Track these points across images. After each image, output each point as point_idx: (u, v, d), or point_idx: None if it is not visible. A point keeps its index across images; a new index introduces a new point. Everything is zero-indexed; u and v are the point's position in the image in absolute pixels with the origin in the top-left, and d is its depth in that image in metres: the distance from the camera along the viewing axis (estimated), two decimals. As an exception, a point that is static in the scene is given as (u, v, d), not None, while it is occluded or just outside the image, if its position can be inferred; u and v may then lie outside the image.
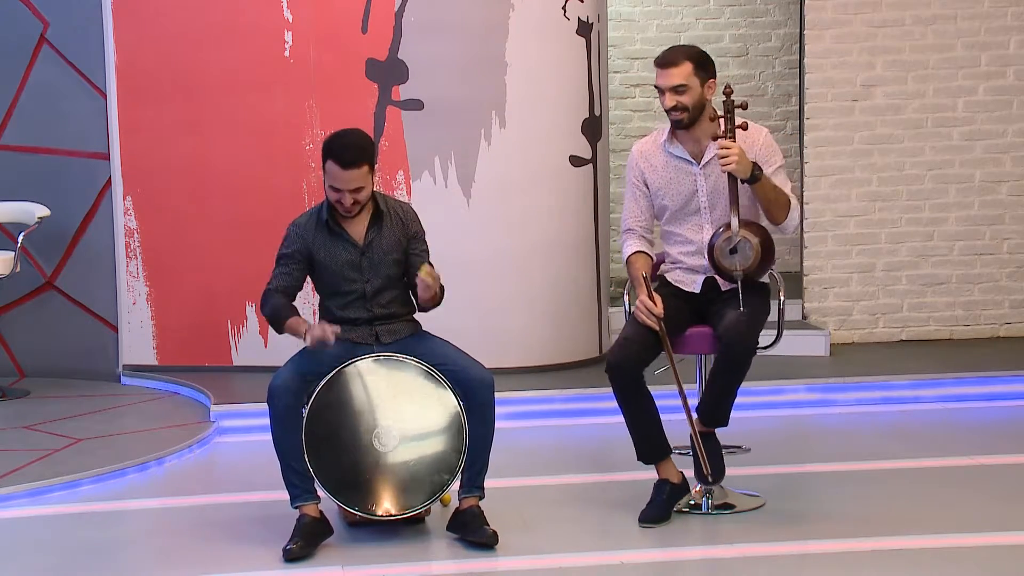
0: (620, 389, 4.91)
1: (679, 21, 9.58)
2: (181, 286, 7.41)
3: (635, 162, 5.12)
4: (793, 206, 4.93)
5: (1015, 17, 7.77)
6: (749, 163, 4.81)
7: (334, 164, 4.73)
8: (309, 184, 7.14)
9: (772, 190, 4.88)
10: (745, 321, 4.82)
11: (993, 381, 6.90)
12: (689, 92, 4.90)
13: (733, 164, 4.78)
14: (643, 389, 4.92)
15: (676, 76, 4.90)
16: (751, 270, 4.87)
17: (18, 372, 7.68)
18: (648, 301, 4.88)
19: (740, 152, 4.79)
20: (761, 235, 4.89)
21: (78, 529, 5.12)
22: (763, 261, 4.88)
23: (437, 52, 7.02)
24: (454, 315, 5.55)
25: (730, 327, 4.80)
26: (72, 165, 7.50)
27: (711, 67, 4.96)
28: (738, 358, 4.82)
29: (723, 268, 4.90)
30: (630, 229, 5.12)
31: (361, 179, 4.74)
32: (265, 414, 4.75)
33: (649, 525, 4.90)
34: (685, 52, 4.96)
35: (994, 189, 7.86)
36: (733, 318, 4.82)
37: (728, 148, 4.79)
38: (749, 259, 4.86)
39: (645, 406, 4.94)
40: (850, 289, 7.87)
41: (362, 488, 4.71)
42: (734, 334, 4.79)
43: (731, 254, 4.87)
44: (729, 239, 4.88)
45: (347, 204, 4.77)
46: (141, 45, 7.34)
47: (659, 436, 4.98)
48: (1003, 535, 4.76)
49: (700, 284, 5.05)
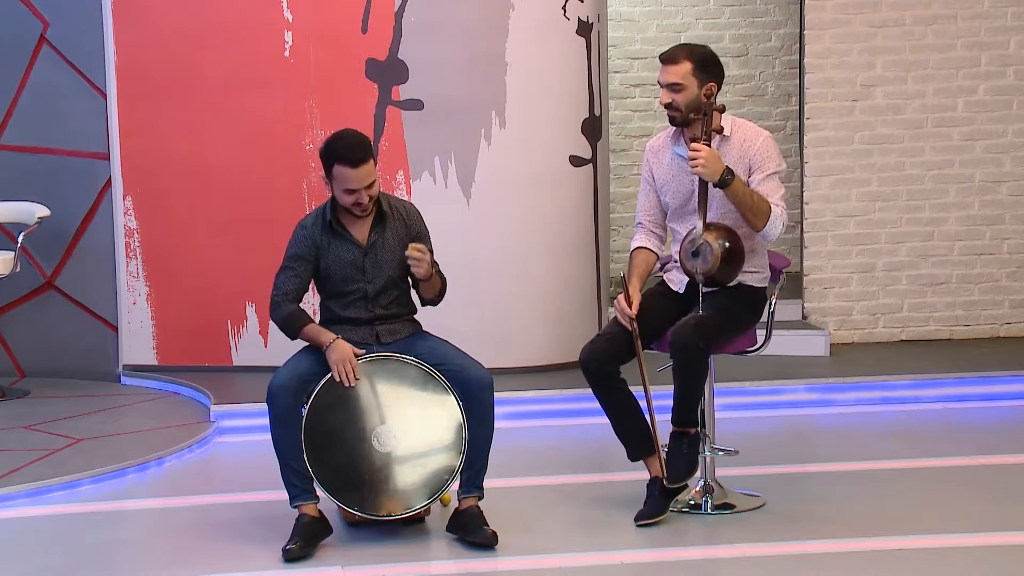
0: (592, 384, 4.95)
1: (679, 21, 9.58)
2: (181, 286, 7.41)
3: (647, 157, 5.16)
4: (775, 214, 4.86)
5: (1015, 17, 7.77)
6: (719, 167, 4.79)
7: (344, 167, 4.73)
8: (309, 184, 7.14)
9: (747, 196, 4.83)
10: (694, 324, 4.82)
11: (993, 381, 6.90)
12: (684, 92, 4.90)
13: (700, 167, 4.79)
14: (617, 385, 4.93)
15: (673, 74, 4.92)
16: (711, 273, 4.86)
17: (18, 372, 7.68)
18: (621, 300, 4.91)
19: (709, 155, 4.78)
20: (729, 239, 4.86)
21: (78, 529, 5.12)
22: (725, 265, 4.85)
23: (437, 52, 7.02)
24: (454, 315, 5.55)
25: (677, 329, 4.82)
26: (72, 165, 7.50)
27: (715, 70, 4.93)
28: (684, 360, 4.81)
29: (686, 270, 4.93)
30: (639, 223, 5.15)
31: (371, 174, 4.76)
32: (265, 414, 4.75)
33: (645, 522, 4.90)
34: (688, 52, 4.96)
35: (994, 189, 7.86)
36: (684, 320, 4.85)
37: (697, 151, 4.79)
38: (709, 263, 4.85)
39: (622, 403, 4.95)
40: (850, 289, 7.87)
41: (362, 488, 4.71)
42: (679, 336, 4.80)
43: (693, 257, 4.88)
44: (693, 241, 4.88)
45: (365, 202, 4.78)
46: (141, 45, 7.34)
47: (642, 432, 4.98)
48: (1003, 535, 4.77)
49: (684, 285, 5.06)
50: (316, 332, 4.82)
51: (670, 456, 4.91)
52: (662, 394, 5.02)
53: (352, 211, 4.82)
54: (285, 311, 4.85)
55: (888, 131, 7.80)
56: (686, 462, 4.91)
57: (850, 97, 7.78)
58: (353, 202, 4.78)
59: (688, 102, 4.91)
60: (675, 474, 4.91)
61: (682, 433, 4.92)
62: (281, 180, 7.19)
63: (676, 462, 4.91)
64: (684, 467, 4.91)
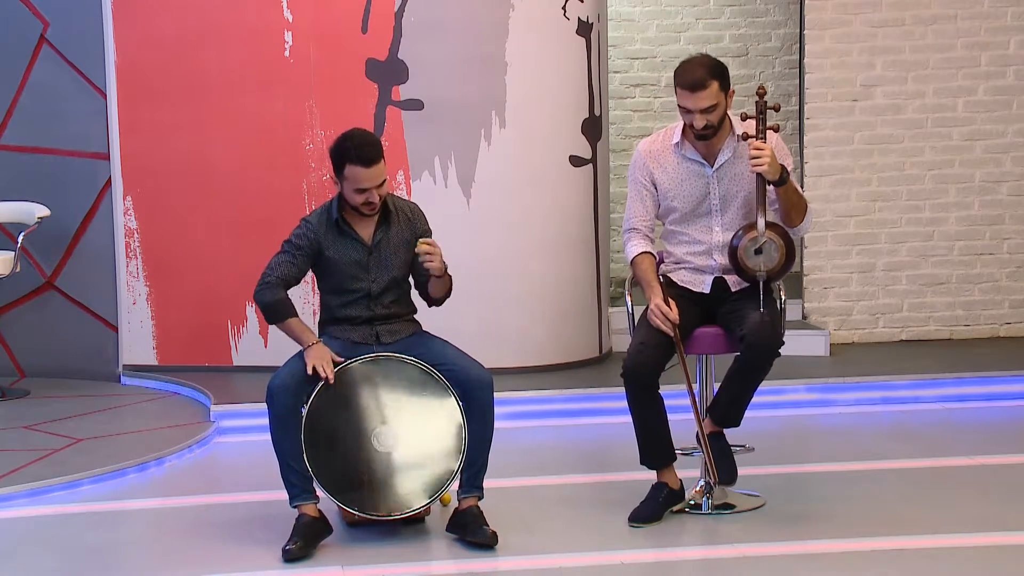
0: (635, 394, 4.88)
1: (679, 21, 9.57)
2: (181, 286, 7.41)
3: (643, 162, 5.05)
4: (811, 209, 4.96)
5: (1015, 17, 7.77)
6: (778, 166, 4.81)
7: (356, 166, 4.73)
8: (309, 184, 7.14)
9: (795, 193, 4.90)
10: (770, 323, 4.81)
11: (993, 381, 6.89)
12: (717, 110, 4.85)
13: (765, 165, 4.78)
14: (657, 395, 4.90)
15: (706, 98, 4.81)
16: (775, 271, 4.88)
17: (18, 372, 7.68)
18: (664, 306, 4.85)
19: (772, 154, 4.79)
20: (785, 237, 4.90)
21: (78, 529, 5.12)
22: (786, 262, 4.90)
23: (437, 52, 7.02)
24: (454, 315, 5.55)
25: (756, 329, 4.77)
26: (72, 165, 7.50)
27: (728, 76, 4.90)
28: (763, 359, 4.80)
29: (747, 268, 4.88)
30: (634, 228, 5.06)
31: (383, 173, 4.78)
32: (265, 414, 4.75)
33: (639, 524, 4.90)
34: (709, 70, 4.82)
35: (994, 189, 7.85)
36: (757, 319, 4.80)
37: (761, 149, 4.79)
38: (774, 260, 4.86)
39: (657, 411, 4.92)
40: (850, 289, 7.87)
41: (361, 488, 4.71)
42: (761, 336, 4.76)
43: (756, 255, 4.86)
44: (755, 239, 4.86)
45: (375, 201, 4.79)
46: (141, 45, 7.34)
47: (666, 442, 4.97)
48: (1003, 535, 4.76)
49: (709, 284, 5.03)
50: (300, 330, 4.81)
51: (718, 456, 4.89)
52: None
53: (361, 210, 4.82)
54: (273, 295, 4.83)
55: (888, 131, 7.80)
56: (732, 460, 4.92)
57: (850, 97, 7.77)
58: (364, 201, 4.78)
59: (720, 117, 4.88)
60: (727, 473, 4.91)
61: (720, 433, 4.93)
62: (281, 180, 7.19)
63: (726, 461, 4.91)
64: (732, 465, 4.92)
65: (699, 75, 4.81)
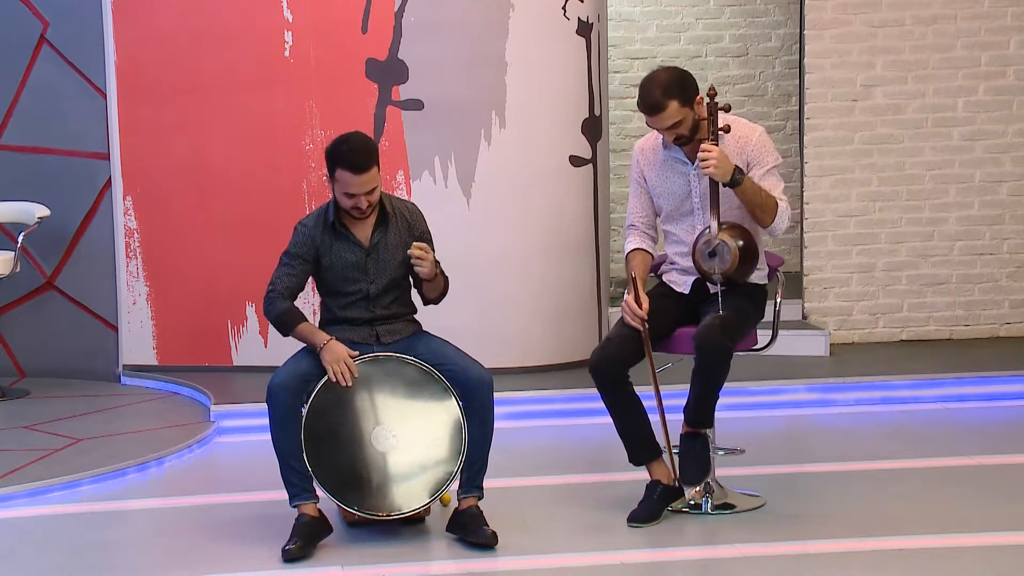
0: (601, 389, 4.93)
1: (679, 21, 9.58)
2: (181, 286, 7.41)
3: (636, 159, 5.11)
4: (781, 209, 4.87)
5: (1015, 17, 7.77)
6: (730, 166, 4.78)
7: (346, 172, 4.72)
8: (309, 184, 7.14)
9: (756, 193, 4.83)
10: (719, 324, 4.80)
11: (993, 381, 6.89)
12: (684, 122, 4.84)
13: (712, 167, 4.76)
14: (626, 389, 4.91)
15: (667, 118, 4.82)
16: (729, 273, 4.87)
17: (18, 372, 7.68)
18: (632, 302, 4.88)
19: (720, 155, 4.76)
20: (743, 238, 4.87)
21: (78, 529, 5.12)
22: (742, 264, 4.86)
23: (437, 52, 7.02)
24: (454, 315, 5.55)
25: (703, 330, 4.80)
26: (72, 165, 7.50)
27: (691, 86, 4.86)
28: (710, 360, 4.80)
29: (702, 271, 4.91)
30: (632, 225, 5.12)
31: (373, 180, 4.76)
32: (265, 414, 4.75)
33: (638, 525, 4.89)
34: (665, 91, 4.80)
35: (994, 189, 7.85)
36: (708, 321, 4.82)
37: (708, 151, 4.77)
38: (727, 262, 4.85)
39: (629, 406, 4.94)
40: (850, 289, 7.87)
41: (361, 488, 4.71)
42: (705, 337, 4.78)
43: (710, 257, 4.87)
44: (708, 242, 4.87)
45: (363, 207, 4.78)
46: (141, 45, 7.34)
47: (647, 437, 4.97)
48: (1003, 535, 4.76)
49: (689, 285, 5.05)
50: (310, 332, 4.82)
51: (684, 457, 4.90)
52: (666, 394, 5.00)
53: (351, 213, 4.83)
54: (279, 308, 4.85)
55: (888, 131, 7.80)
56: (700, 462, 4.91)
57: (850, 97, 7.78)
58: (352, 206, 4.79)
59: (691, 126, 4.87)
60: (690, 475, 4.91)
61: (695, 434, 4.92)
62: (281, 180, 7.19)
63: (691, 463, 4.90)
64: (699, 467, 4.91)
65: (655, 98, 4.81)
